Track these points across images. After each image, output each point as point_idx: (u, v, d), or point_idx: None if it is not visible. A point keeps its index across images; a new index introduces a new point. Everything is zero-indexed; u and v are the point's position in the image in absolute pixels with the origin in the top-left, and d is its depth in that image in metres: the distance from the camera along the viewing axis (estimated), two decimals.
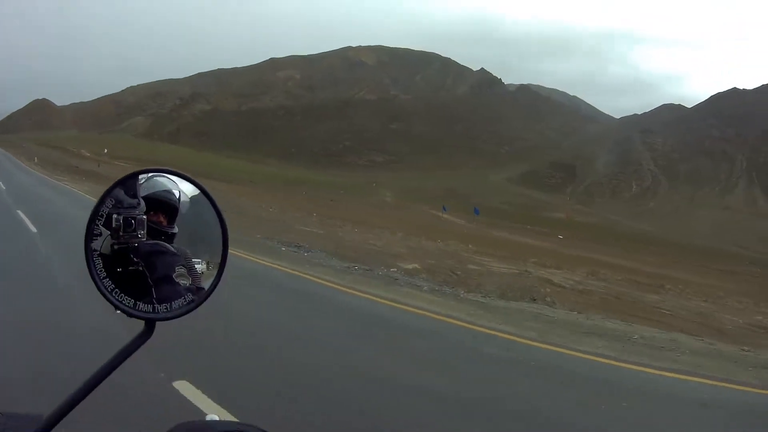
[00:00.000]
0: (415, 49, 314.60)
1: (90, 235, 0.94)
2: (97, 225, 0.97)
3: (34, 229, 13.66)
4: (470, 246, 24.22)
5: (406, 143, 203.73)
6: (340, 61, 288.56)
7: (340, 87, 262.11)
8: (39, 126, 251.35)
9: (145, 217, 1.00)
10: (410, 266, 13.89)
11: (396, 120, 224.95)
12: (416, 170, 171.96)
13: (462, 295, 10.66)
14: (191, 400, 4.27)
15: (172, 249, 1.02)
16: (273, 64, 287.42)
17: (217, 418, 0.97)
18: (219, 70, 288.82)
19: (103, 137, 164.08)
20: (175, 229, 1.03)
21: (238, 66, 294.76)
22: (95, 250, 0.97)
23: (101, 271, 0.97)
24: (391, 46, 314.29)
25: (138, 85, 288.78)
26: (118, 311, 0.97)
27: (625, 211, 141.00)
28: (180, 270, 1.03)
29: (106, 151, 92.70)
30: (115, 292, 0.97)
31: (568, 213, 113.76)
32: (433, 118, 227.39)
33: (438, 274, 13.12)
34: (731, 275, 39.28)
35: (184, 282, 1.03)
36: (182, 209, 1.04)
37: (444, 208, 69.81)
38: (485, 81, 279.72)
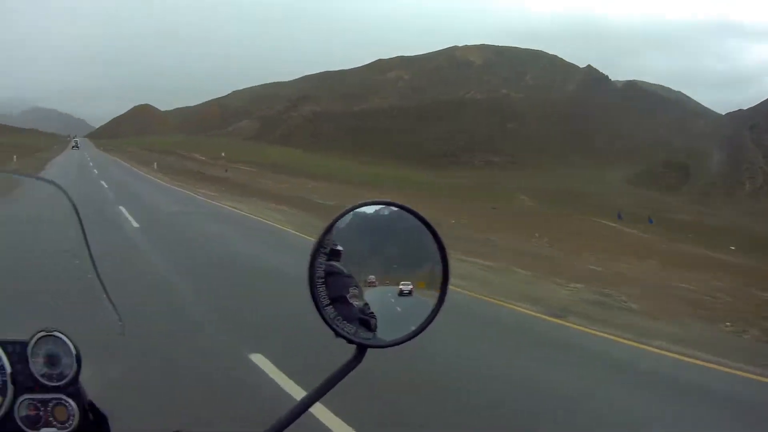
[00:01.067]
0: (521, 47, 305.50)
1: (314, 263, 0.95)
2: (323, 253, 0.98)
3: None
4: None
5: (520, 143, 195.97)
6: (447, 60, 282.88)
7: (449, 87, 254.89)
8: (142, 131, 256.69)
9: (340, 247, 1.01)
10: None
11: (509, 119, 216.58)
12: (531, 170, 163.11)
13: None
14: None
15: (345, 270, 1.03)
16: (380, 65, 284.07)
17: None
18: (325, 72, 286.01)
19: (210, 141, 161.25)
20: (339, 247, 1.03)
21: (345, 68, 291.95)
22: (320, 278, 0.98)
23: (324, 299, 0.98)
24: (496, 44, 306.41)
25: (243, 89, 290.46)
26: (339, 338, 0.98)
27: (741, 211, 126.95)
28: (353, 291, 1.03)
29: (223, 154, 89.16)
30: (338, 319, 0.99)
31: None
32: (544, 116, 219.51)
33: None
34: None
35: (358, 303, 1.03)
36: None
37: (619, 216, 62.76)
38: (592, 78, 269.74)
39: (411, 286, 1.05)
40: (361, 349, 0.97)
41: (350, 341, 0.97)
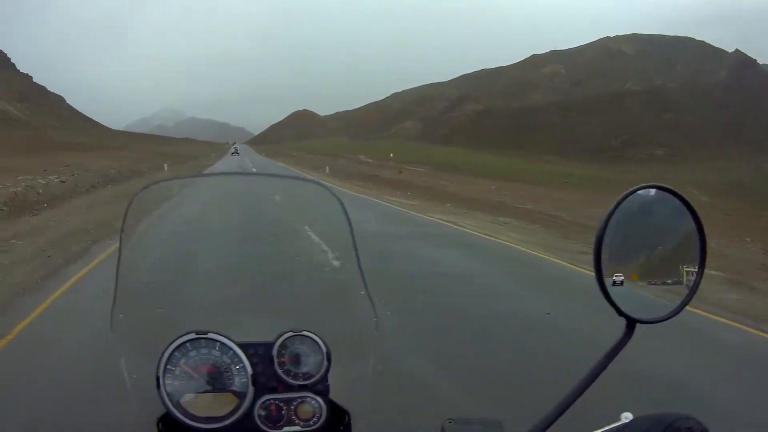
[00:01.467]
0: (668, 34, 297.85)
1: (600, 247, 0.93)
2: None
3: None
4: None
5: (679, 134, 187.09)
6: (599, 52, 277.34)
7: (606, 79, 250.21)
8: (302, 135, 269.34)
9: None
10: None
11: (666, 110, 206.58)
12: (693, 163, 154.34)
13: None
14: None
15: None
16: (534, 60, 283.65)
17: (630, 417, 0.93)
18: (482, 70, 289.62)
19: (373, 143, 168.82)
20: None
21: (501, 65, 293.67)
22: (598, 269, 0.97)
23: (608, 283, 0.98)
24: (646, 33, 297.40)
25: (402, 91, 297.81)
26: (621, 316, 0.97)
27: None
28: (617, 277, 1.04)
29: (391, 155, 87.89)
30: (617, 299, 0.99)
31: None
32: (699, 105, 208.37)
33: None
34: None
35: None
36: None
37: None
38: (742, 63, 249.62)
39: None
40: (631, 326, 0.98)
41: (627, 317, 0.97)
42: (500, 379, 5.00)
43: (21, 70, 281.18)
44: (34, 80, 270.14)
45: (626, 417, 0.95)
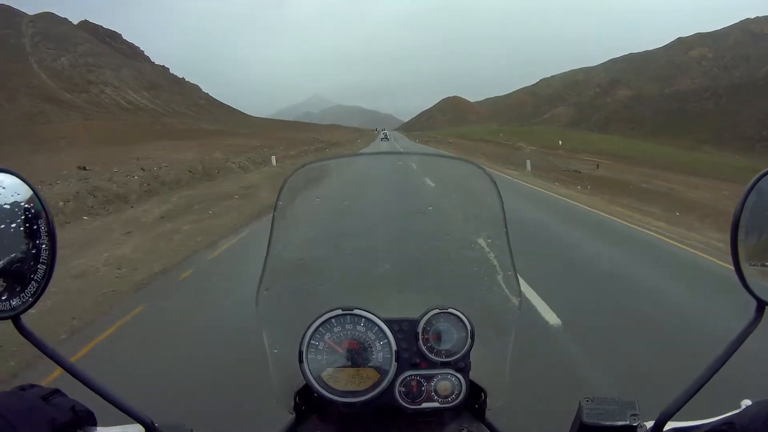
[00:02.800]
0: None
1: (737, 226, 0.90)
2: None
3: None
4: None
5: None
6: (743, 34, 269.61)
7: (752, 63, 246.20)
8: (453, 121, 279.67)
9: None
10: None
11: None
12: None
13: None
14: None
15: None
16: (681, 43, 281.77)
17: None
18: (629, 55, 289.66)
19: (527, 129, 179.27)
20: None
21: (649, 49, 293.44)
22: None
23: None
24: None
25: (552, 76, 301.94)
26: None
27: None
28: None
29: (560, 143, 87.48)
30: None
31: None
32: None
33: None
34: None
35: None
36: None
37: None
38: None
39: None
40: (761, 308, 0.93)
41: (759, 300, 0.92)
42: None
43: (156, 62, 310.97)
44: (171, 71, 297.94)
45: (745, 404, 0.95)
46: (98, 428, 0.94)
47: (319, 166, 1.49)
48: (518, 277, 1.37)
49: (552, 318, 6.08)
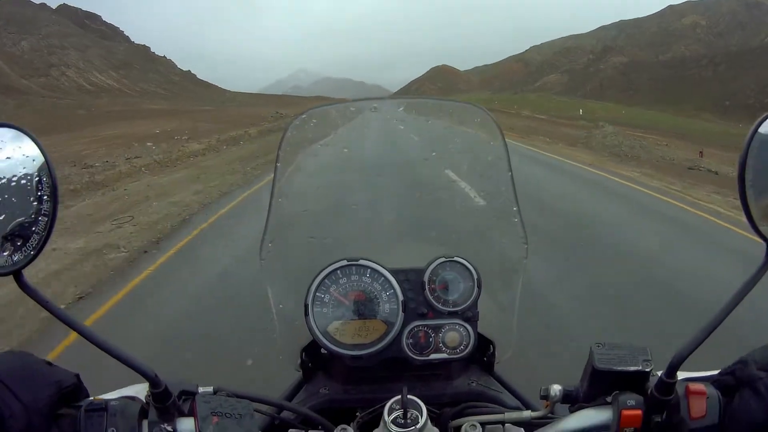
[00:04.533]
0: None
1: (743, 167, 0.85)
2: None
3: None
4: None
5: None
6: (737, 2, 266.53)
7: (747, 32, 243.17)
8: (444, 91, 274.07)
9: None
10: None
11: None
12: None
13: None
14: None
15: None
16: (672, 11, 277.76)
17: None
18: (620, 22, 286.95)
19: (522, 97, 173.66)
20: None
21: (639, 16, 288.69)
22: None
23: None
24: None
25: (541, 44, 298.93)
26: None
27: None
28: None
29: (581, 112, 79.79)
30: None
31: None
32: None
33: None
34: None
35: None
36: None
37: None
38: None
39: None
40: None
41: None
42: None
43: (135, 41, 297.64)
44: (152, 50, 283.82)
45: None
46: (102, 394, 0.94)
47: (320, 111, 1.46)
48: (524, 225, 1.33)
49: None
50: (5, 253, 0.83)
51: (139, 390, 0.94)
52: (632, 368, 0.91)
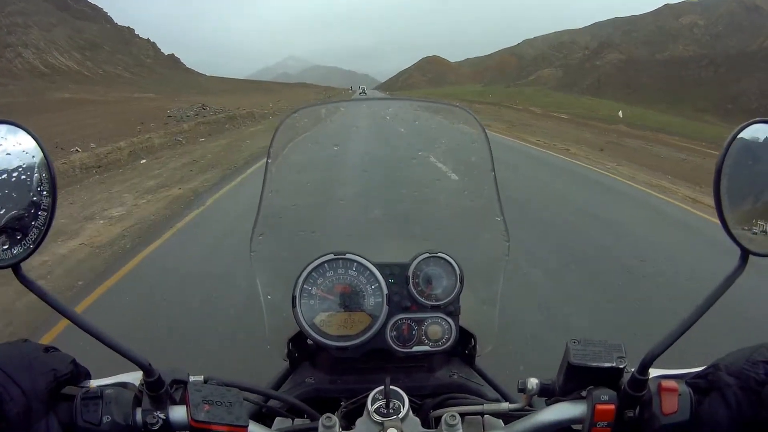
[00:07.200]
0: None
1: (719, 175, 0.86)
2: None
3: None
4: None
5: None
6: (735, 5, 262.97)
7: (743, 34, 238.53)
8: (434, 82, 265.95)
9: None
10: None
11: None
12: None
13: None
14: None
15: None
16: (669, 10, 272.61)
17: None
18: (616, 18, 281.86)
19: (519, 90, 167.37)
20: None
21: (635, 14, 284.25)
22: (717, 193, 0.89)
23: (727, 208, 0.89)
24: None
25: (535, 38, 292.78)
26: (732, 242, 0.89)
27: None
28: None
29: (620, 114, 72.33)
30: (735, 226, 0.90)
31: None
32: None
33: None
34: None
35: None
36: None
37: None
38: None
39: None
40: (745, 257, 0.90)
41: (742, 248, 0.88)
42: None
43: (119, 23, 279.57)
44: (137, 32, 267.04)
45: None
46: (96, 380, 0.96)
47: (310, 111, 1.49)
48: (506, 222, 1.37)
49: None
50: (5, 247, 0.84)
51: (133, 377, 0.96)
52: (606, 365, 0.93)
